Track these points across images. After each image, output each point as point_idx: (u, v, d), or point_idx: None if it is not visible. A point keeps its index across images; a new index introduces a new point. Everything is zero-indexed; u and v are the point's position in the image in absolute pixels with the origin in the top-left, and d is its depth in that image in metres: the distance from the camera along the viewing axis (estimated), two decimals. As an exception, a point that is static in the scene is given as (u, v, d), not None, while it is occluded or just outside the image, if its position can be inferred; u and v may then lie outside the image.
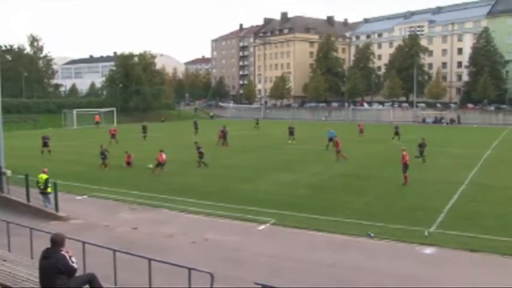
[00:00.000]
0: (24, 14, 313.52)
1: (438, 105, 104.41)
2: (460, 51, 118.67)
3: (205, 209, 20.65)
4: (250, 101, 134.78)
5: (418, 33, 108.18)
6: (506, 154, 39.77)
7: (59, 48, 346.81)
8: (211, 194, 23.84)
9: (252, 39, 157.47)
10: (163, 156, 29.81)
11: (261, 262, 14.30)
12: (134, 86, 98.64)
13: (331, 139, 40.84)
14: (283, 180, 27.99)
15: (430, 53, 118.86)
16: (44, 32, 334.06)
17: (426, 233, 16.82)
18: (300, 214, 19.65)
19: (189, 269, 8.98)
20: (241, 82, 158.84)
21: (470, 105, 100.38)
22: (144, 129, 54.50)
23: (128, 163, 32.97)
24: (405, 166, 26.08)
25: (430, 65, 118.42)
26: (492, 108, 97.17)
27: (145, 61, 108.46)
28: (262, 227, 18.13)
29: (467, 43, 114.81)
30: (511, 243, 15.78)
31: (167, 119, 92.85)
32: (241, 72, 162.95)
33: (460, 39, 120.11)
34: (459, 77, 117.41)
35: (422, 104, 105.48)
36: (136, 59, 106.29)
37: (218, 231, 17.60)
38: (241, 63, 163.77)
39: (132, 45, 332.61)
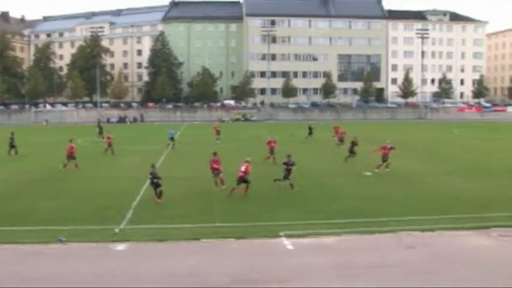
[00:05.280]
0: None
1: (121, 104, 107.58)
2: (139, 52, 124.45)
3: None
4: None
5: (99, 34, 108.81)
6: (186, 148, 43.69)
7: None
8: None
9: None
10: None
11: None
12: None
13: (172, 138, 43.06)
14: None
15: (112, 54, 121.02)
16: None
17: (117, 230, 17.27)
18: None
19: None
20: None
21: (151, 104, 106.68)
22: None
23: None
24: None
25: (112, 66, 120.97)
26: (171, 106, 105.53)
27: None
28: None
29: (146, 45, 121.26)
30: (193, 229, 17.58)
31: None
32: None
33: (139, 42, 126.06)
34: (140, 77, 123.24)
35: (106, 104, 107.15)
36: None
37: None
38: None
39: None
